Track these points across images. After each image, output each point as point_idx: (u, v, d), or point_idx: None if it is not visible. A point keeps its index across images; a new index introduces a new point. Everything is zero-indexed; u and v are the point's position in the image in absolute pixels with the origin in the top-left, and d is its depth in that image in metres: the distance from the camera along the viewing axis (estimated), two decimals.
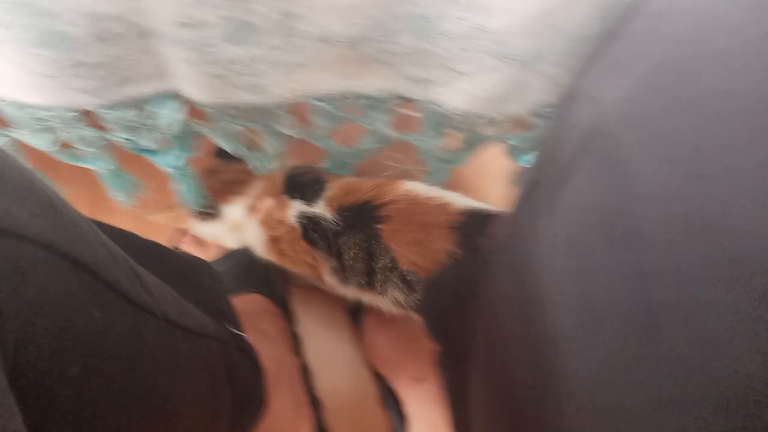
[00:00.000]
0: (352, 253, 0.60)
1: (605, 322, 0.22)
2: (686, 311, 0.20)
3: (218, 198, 0.70)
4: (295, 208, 0.64)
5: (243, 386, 0.54)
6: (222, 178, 0.70)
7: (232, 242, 0.75)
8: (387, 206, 0.58)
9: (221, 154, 0.57)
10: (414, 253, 0.57)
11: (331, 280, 0.65)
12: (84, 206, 0.91)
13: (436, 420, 0.77)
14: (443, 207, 0.57)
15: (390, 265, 0.58)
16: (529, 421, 0.38)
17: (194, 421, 0.42)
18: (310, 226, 0.62)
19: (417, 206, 0.58)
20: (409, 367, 0.81)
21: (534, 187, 0.32)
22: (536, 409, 0.36)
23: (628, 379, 0.21)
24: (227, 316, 0.55)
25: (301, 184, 0.65)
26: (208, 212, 0.70)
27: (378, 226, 0.58)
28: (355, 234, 0.59)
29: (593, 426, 0.24)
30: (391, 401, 0.83)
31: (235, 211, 0.70)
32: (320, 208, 0.62)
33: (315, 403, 0.82)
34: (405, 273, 0.58)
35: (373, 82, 0.47)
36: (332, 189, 0.63)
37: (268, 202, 0.66)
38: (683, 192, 0.20)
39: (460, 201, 0.58)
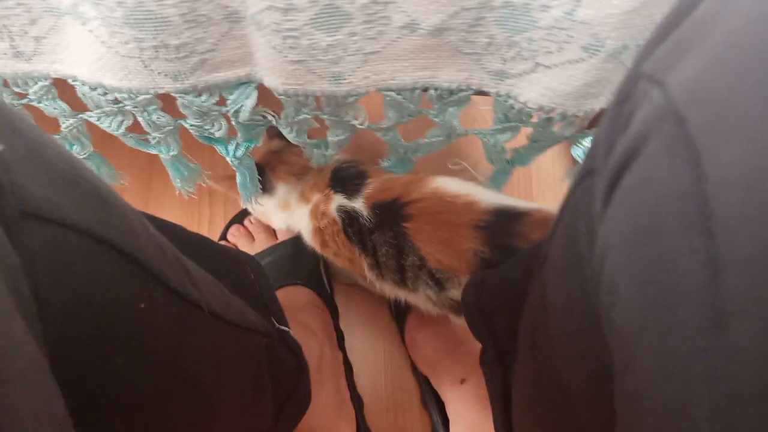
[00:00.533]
0: (384, 250, 0.60)
1: (673, 312, 0.21)
2: (759, 300, 0.19)
3: (274, 174, 0.71)
4: (336, 202, 0.65)
5: (286, 381, 0.53)
6: (281, 158, 0.71)
7: (278, 221, 0.76)
8: (413, 204, 0.58)
9: (281, 134, 0.58)
10: (440, 252, 0.56)
11: (370, 275, 0.66)
12: (136, 194, 0.92)
13: (477, 421, 0.76)
14: (470, 206, 0.56)
15: (419, 263, 0.58)
16: (580, 419, 0.37)
17: (235, 414, 0.42)
18: (348, 221, 0.63)
19: (443, 205, 0.58)
20: (450, 368, 0.80)
21: (588, 176, 0.31)
22: (587, 406, 0.35)
23: (697, 371, 0.20)
24: (272, 310, 0.55)
25: (343, 178, 0.66)
26: (263, 188, 0.71)
27: (404, 224, 0.58)
28: (385, 231, 0.60)
29: (660, 422, 0.23)
30: (432, 402, 0.83)
31: (287, 192, 0.71)
32: (358, 204, 0.62)
33: (356, 400, 0.81)
34: (434, 271, 0.58)
35: (447, 73, 0.46)
36: (371, 186, 0.63)
37: (317, 195, 0.68)
38: (759, 176, 0.19)
39: (489, 198, 0.57)
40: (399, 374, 0.87)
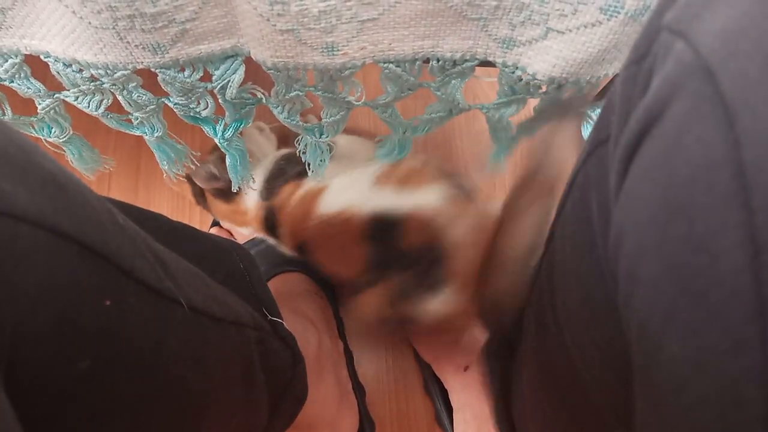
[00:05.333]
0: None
1: (707, 299, 0.19)
2: None
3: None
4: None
5: (280, 375, 0.51)
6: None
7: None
8: (308, 242, 0.66)
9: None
10: (337, 263, 0.64)
11: None
12: (124, 179, 0.89)
13: (483, 408, 0.74)
14: (350, 222, 0.61)
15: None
16: (592, 407, 0.34)
17: (226, 412, 0.40)
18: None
19: (330, 229, 0.63)
20: (453, 355, 0.77)
21: (600, 145, 0.28)
22: (603, 395, 0.32)
23: (742, 366, 0.18)
24: (264, 301, 0.52)
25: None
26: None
27: (310, 257, 0.67)
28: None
29: (698, 418, 0.20)
30: (435, 388, 0.80)
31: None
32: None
33: (357, 389, 0.79)
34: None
35: (450, 42, 0.43)
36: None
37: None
38: None
39: (365, 205, 0.61)
40: (401, 361, 0.85)
